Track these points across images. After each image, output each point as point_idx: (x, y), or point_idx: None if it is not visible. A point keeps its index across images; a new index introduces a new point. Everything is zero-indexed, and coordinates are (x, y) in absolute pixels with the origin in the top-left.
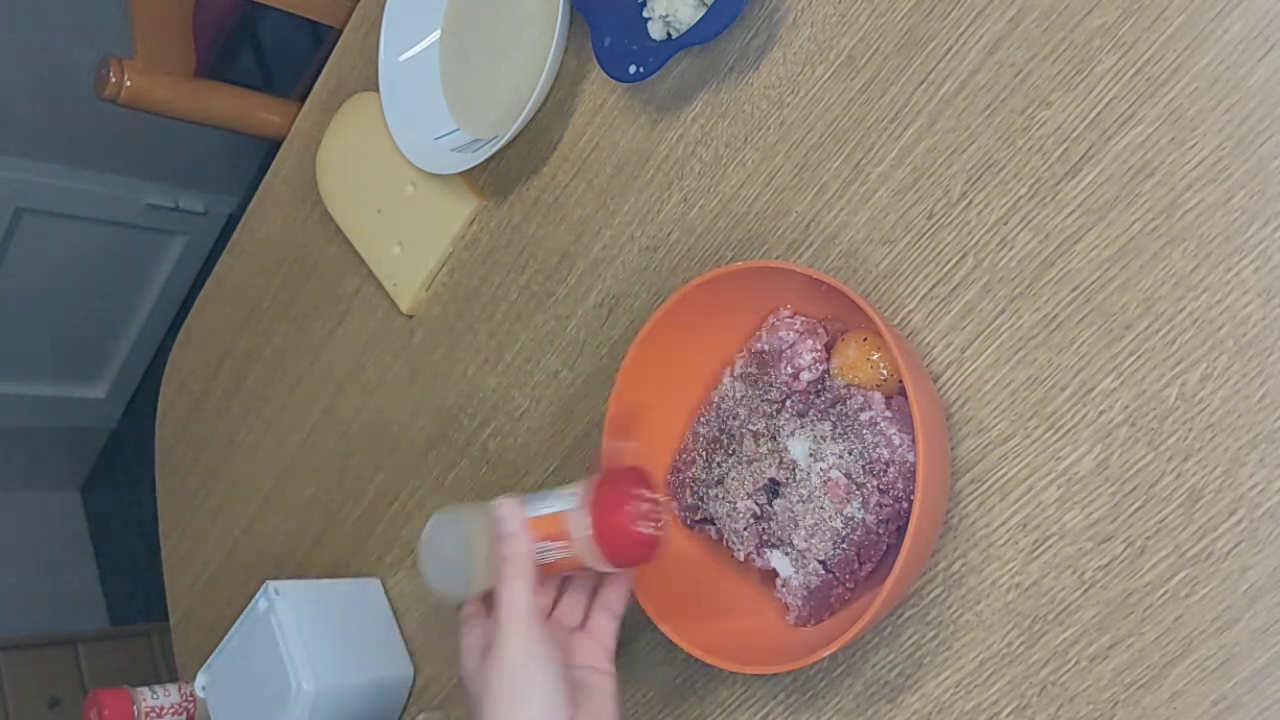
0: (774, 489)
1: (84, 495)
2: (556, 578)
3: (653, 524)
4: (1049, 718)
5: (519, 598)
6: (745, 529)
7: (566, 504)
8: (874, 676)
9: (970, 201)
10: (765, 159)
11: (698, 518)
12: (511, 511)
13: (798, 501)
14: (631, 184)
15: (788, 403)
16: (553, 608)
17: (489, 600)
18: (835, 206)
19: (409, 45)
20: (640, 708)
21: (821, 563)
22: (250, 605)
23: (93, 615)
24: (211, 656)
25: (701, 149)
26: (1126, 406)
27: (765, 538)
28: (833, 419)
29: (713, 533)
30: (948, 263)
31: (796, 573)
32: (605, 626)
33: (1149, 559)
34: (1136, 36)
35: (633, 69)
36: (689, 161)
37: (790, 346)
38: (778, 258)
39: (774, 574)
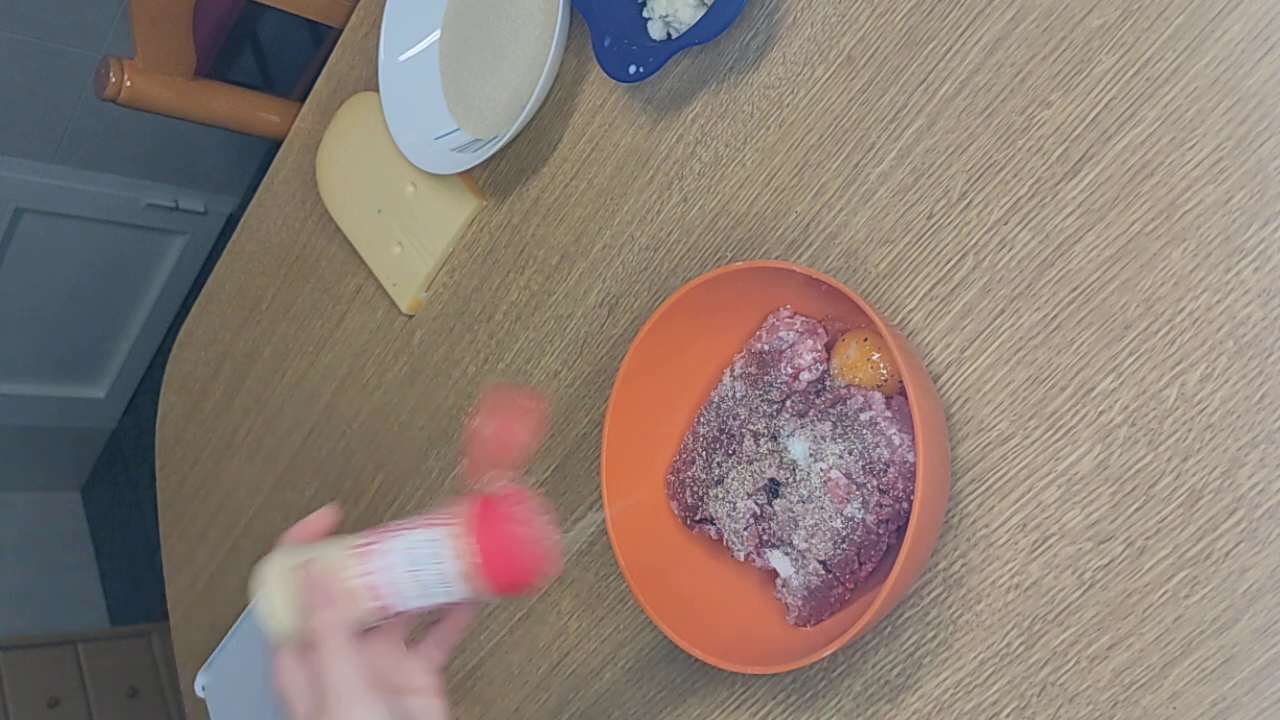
0: (774, 489)
1: (84, 495)
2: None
3: (541, 545)
4: (1049, 718)
5: (345, 670)
6: (745, 529)
7: (413, 545)
8: (874, 676)
9: (970, 201)
10: (765, 159)
11: (698, 518)
12: (320, 581)
13: (798, 501)
14: (631, 184)
15: (788, 403)
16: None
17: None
18: (835, 206)
19: (409, 45)
20: (640, 708)
21: (821, 563)
22: (250, 605)
23: (93, 615)
24: (211, 656)
25: (701, 149)
26: (1126, 406)
27: (765, 538)
28: (833, 419)
29: (713, 533)
30: (948, 263)
31: (796, 573)
32: (436, 654)
33: (1149, 559)
34: (1136, 37)
35: (633, 69)
36: (689, 161)
37: (790, 346)
38: (778, 258)
39: (774, 574)
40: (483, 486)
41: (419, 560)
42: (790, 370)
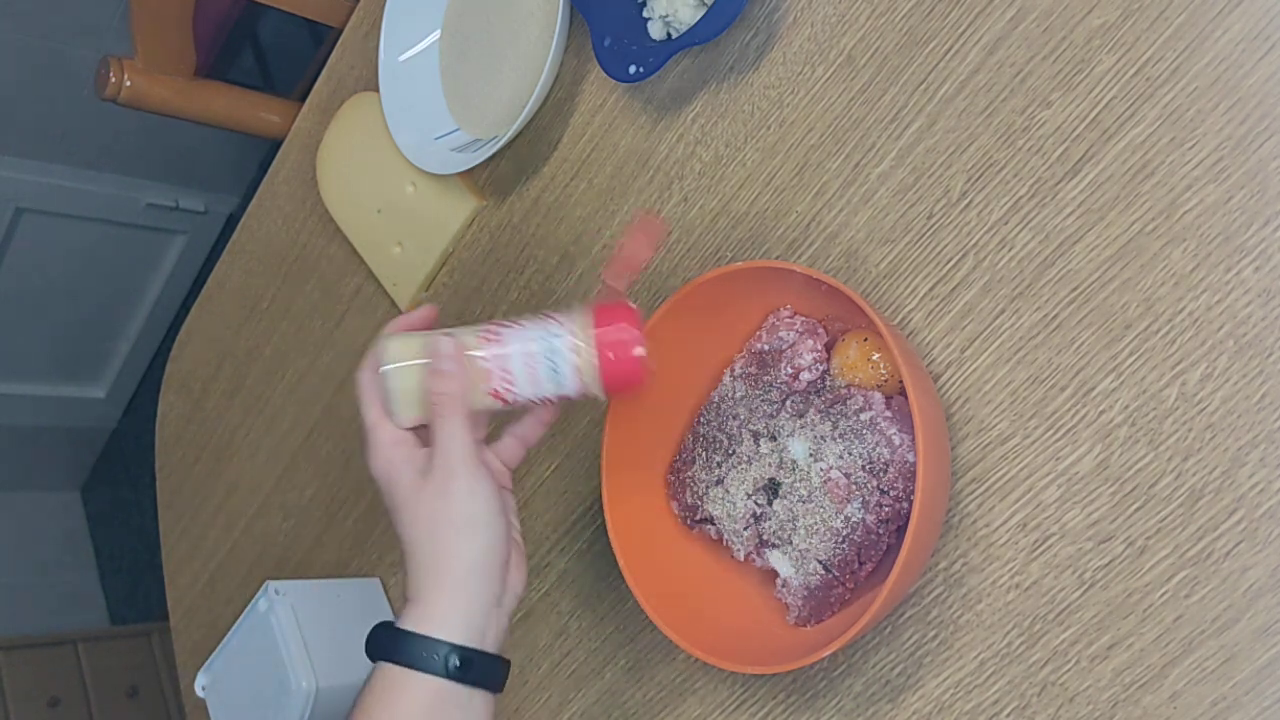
0: (774, 489)
1: (84, 495)
2: (486, 412)
3: (646, 353)
4: (1049, 718)
5: (457, 436)
6: (745, 529)
7: (544, 334)
8: (874, 676)
9: (970, 201)
10: (765, 159)
11: (698, 518)
12: (448, 350)
13: (798, 501)
14: (631, 184)
15: (788, 403)
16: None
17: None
18: (835, 206)
19: (409, 45)
20: (640, 708)
21: (821, 563)
22: (250, 605)
23: (93, 615)
24: (211, 656)
25: (701, 149)
26: (1126, 406)
27: (765, 538)
28: (833, 419)
29: (713, 533)
30: (948, 263)
31: (796, 573)
32: (514, 451)
33: (1149, 559)
34: (1136, 36)
35: (633, 69)
36: (689, 161)
37: (790, 346)
38: (778, 258)
39: (774, 574)
40: (606, 295)
41: (546, 349)
42: (790, 370)
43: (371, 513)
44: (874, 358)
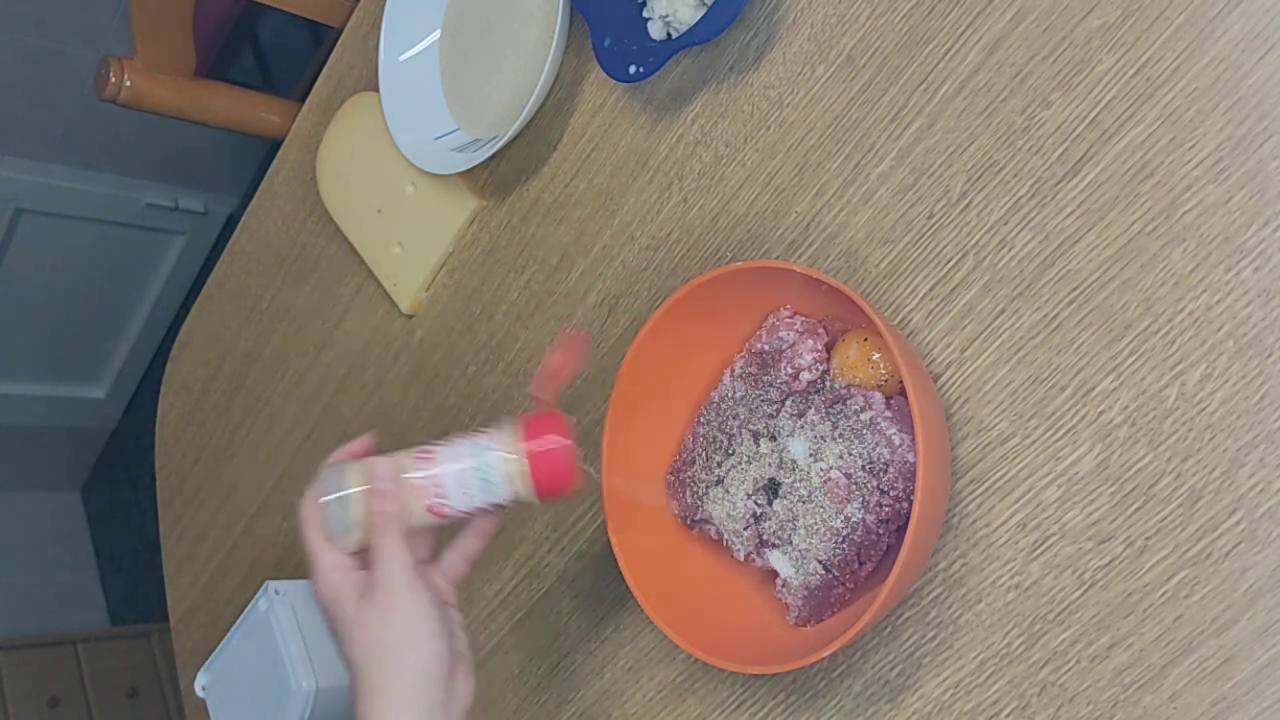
0: (774, 489)
1: (84, 495)
2: (428, 531)
3: (578, 459)
4: (1049, 718)
5: (395, 555)
6: (745, 529)
7: (475, 448)
8: (874, 676)
9: (970, 201)
10: (765, 159)
11: (698, 518)
12: (384, 472)
13: (798, 501)
14: (631, 184)
15: (788, 403)
16: None
17: (362, 553)
18: (835, 206)
19: (409, 45)
20: (640, 708)
21: (821, 563)
22: (250, 605)
23: (93, 615)
24: (211, 656)
25: (701, 149)
26: (1126, 406)
27: (765, 538)
28: (833, 419)
29: (713, 533)
30: (948, 263)
31: (796, 573)
32: (458, 567)
33: (1149, 559)
34: (1136, 37)
35: (633, 69)
36: (689, 161)
37: (790, 346)
38: (778, 258)
39: (774, 574)
40: (535, 408)
41: (477, 464)
42: (790, 370)
43: None
44: (874, 358)
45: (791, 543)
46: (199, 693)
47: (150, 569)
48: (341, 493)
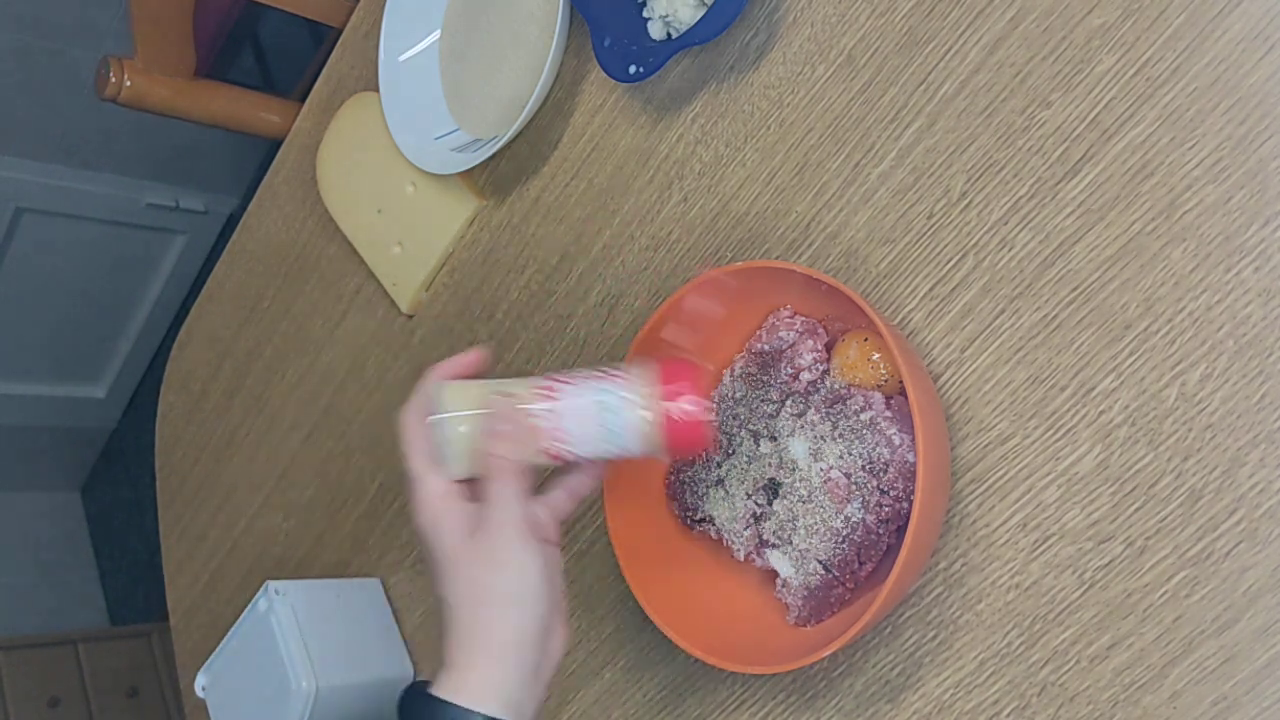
0: (774, 489)
1: (84, 495)
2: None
3: (709, 413)
4: (1049, 718)
5: (513, 504)
6: (745, 529)
7: (604, 392)
8: (874, 676)
9: (970, 201)
10: (765, 159)
11: (698, 518)
12: (507, 410)
13: (798, 501)
14: (631, 184)
15: (788, 403)
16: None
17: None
18: (835, 206)
19: (409, 45)
20: (640, 708)
21: (821, 563)
22: (250, 605)
23: (93, 615)
24: (211, 656)
25: (701, 149)
26: (1126, 406)
27: (765, 538)
28: (833, 419)
29: (713, 533)
30: (948, 263)
31: (796, 573)
32: (564, 504)
33: (1149, 559)
34: (1136, 36)
35: (633, 69)
36: (689, 161)
37: (790, 346)
38: (778, 258)
39: (774, 574)
40: (666, 353)
41: (605, 409)
42: (790, 370)
43: (371, 513)
44: (874, 358)
45: (791, 543)
46: (199, 693)
47: (150, 569)
48: (455, 414)
